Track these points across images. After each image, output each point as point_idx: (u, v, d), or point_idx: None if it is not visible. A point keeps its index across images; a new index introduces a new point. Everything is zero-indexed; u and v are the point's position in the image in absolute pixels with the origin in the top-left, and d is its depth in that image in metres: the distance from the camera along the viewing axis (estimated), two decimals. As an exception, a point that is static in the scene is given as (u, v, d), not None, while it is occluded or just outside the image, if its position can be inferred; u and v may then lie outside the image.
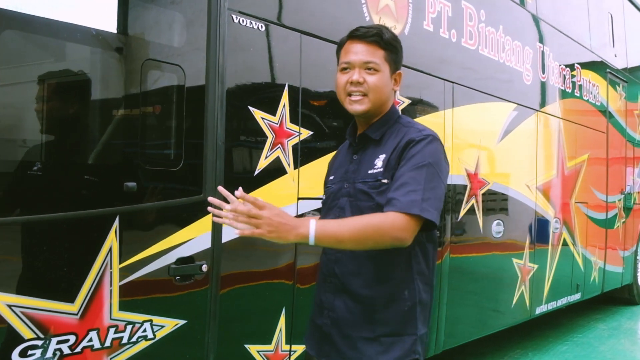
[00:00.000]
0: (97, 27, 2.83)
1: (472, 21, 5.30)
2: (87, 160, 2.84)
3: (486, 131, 5.62)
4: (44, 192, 2.67)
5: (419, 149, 2.23)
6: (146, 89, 2.96)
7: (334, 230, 2.11)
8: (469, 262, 5.36)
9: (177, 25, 3.14)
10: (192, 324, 3.11)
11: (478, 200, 5.39)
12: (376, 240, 2.14)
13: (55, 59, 2.79)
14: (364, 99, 2.33)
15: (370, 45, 2.33)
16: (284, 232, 2.03)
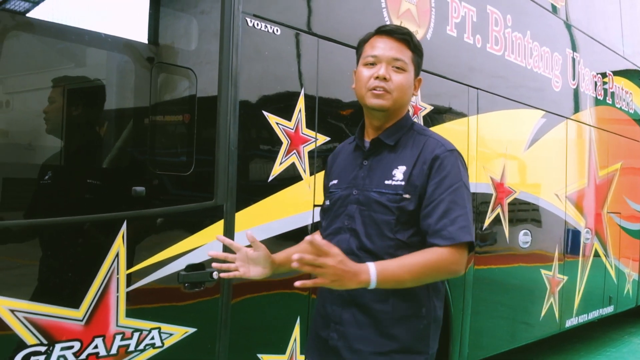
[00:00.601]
0: (108, 31, 2.81)
1: (498, 26, 5.19)
2: (95, 164, 2.81)
3: (513, 139, 5.49)
4: (51, 196, 2.64)
5: (449, 169, 2.16)
6: (156, 92, 2.92)
7: (394, 274, 2.04)
8: (495, 273, 5.22)
9: (189, 28, 3.10)
10: (202, 332, 3.05)
11: (504, 210, 5.26)
12: (434, 277, 2.12)
13: (65, 64, 2.76)
14: (386, 94, 2.21)
15: (400, 43, 2.24)
16: (347, 280, 1.95)
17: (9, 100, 2.63)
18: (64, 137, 2.75)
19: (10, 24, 2.56)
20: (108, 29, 2.81)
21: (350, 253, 2.23)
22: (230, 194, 3.12)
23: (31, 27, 2.61)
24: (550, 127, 5.98)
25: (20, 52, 2.66)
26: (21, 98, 2.67)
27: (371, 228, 2.20)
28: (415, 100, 4.29)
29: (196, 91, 3.05)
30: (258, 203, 3.30)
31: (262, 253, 2.26)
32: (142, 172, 2.88)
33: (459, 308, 4.73)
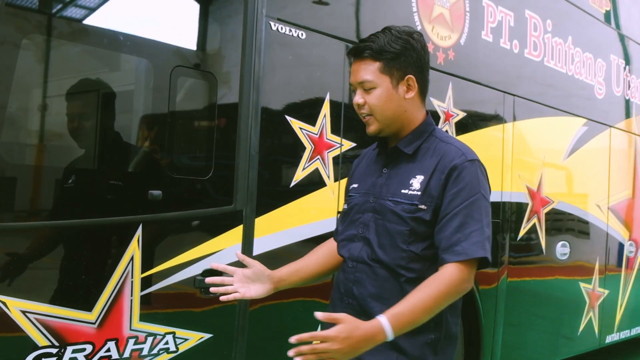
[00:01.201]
0: (126, 33, 2.81)
1: (537, 31, 5.06)
2: (113, 167, 2.81)
3: (551, 147, 5.33)
4: (67, 199, 2.64)
5: (468, 180, 2.06)
6: (175, 95, 2.91)
7: (409, 319, 1.97)
8: (529, 285, 5.08)
9: (211, 32, 3.08)
10: (218, 339, 3.02)
11: (541, 220, 5.11)
12: (448, 303, 2.04)
13: (84, 68, 2.77)
14: (370, 119, 2.17)
15: (364, 61, 2.14)
16: (362, 348, 1.90)
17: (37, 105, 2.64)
18: (82, 140, 2.75)
19: (30, 27, 2.58)
20: (127, 33, 2.80)
21: (362, 262, 2.19)
22: (250, 198, 3.09)
23: (51, 30, 2.62)
24: (592, 136, 5.79)
25: (41, 57, 2.68)
26: (42, 103, 2.68)
27: (384, 238, 2.13)
28: (447, 107, 4.20)
29: (217, 95, 3.03)
30: (279, 209, 3.26)
31: (257, 269, 2.25)
32: (159, 176, 2.87)
33: (490, 320, 4.61)
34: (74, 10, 2.72)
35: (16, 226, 2.49)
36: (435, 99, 4.11)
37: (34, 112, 2.66)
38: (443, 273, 2.01)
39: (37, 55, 2.64)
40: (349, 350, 1.87)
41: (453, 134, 4.23)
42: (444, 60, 4.19)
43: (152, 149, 2.92)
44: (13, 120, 2.52)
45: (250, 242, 3.11)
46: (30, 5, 2.56)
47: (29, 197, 2.58)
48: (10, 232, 2.47)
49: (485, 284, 4.57)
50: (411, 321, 1.98)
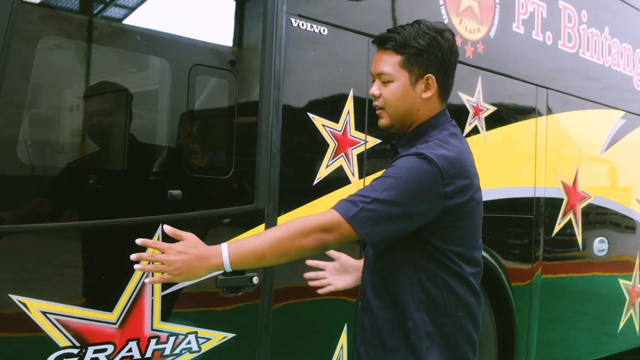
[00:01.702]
0: (145, 32, 2.81)
1: (572, 22, 4.93)
2: (131, 167, 2.81)
3: (587, 141, 5.20)
4: (86, 199, 2.65)
5: (399, 163, 2.01)
6: (194, 94, 2.89)
7: (250, 248, 1.92)
8: (565, 282, 4.96)
9: (229, 30, 3.06)
10: (241, 338, 3.00)
11: (577, 215, 4.98)
12: (299, 243, 1.92)
13: (103, 68, 2.77)
14: (382, 112, 2.16)
15: (386, 52, 2.12)
16: (194, 269, 1.88)
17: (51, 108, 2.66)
18: (102, 141, 2.76)
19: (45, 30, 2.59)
20: (145, 32, 2.80)
21: (365, 260, 2.23)
22: (271, 197, 3.06)
23: (69, 31, 2.64)
24: (632, 128, 5.63)
25: (60, 59, 2.69)
26: (63, 105, 2.70)
27: None
28: (477, 101, 4.11)
29: (237, 94, 3.01)
30: (302, 207, 3.23)
31: (343, 261, 2.37)
32: (179, 175, 2.86)
33: (524, 317, 4.51)
34: (91, 9, 2.72)
35: (35, 227, 2.50)
36: (463, 93, 4.03)
37: (53, 113, 2.67)
38: (305, 217, 1.99)
39: (54, 56, 2.65)
40: (182, 266, 1.86)
41: (483, 129, 4.15)
42: (472, 53, 4.11)
43: (172, 148, 2.91)
44: (32, 121, 2.53)
45: (273, 241, 3.08)
46: (50, 6, 2.57)
47: (48, 198, 2.59)
48: (29, 233, 2.48)
49: (519, 280, 4.48)
50: (252, 251, 1.91)
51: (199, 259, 1.88)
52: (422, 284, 2.05)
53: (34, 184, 2.59)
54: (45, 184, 2.63)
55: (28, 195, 2.54)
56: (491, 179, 4.21)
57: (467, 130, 4.04)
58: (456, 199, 2.02)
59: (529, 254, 4.57)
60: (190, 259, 1.87)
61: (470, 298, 2.13)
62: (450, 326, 2.09)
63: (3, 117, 2.41)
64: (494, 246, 4.25)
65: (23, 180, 2.54)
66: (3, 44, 2.30)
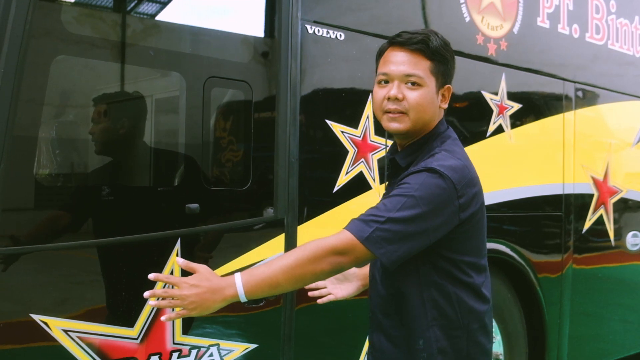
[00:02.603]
0: (159, 46, 2.81)
1: (600, 13, 4.81)
2: (148, 182, 2.82)
3: (618, 133, 5.08)
4: (106, 215, 2.67)
5: (411, 180, 1.93)
6: (209, 106, 2.89)
7: (265, 277, 1.85)
8: (597, 279, 4.86)
9: (244, 40, 3.05)
10: (264, 348, 3.01)
11: (608, 210, 4.88)
12: (314, 268, 1.87)
13: (113, 79, 2.78)
14: (403, 117, 2.01)
15: (414, 54, 2.00)
16: (209, 302, 1.83)
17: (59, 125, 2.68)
18: (116, 155, 2.78)
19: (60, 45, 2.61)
20: (159, 46, 2.81)
21: (372, 279, 2.16)
22: (291, 207, 3.05)
23: (78, 45, 2.65)
24: (666, 118, 5.49)
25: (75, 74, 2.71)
26: (76, 119, 2.72)
27: None
28: (501, 99, 4.04)
29: (252, 104, 2.99)
30: (323, 215, 3.21)
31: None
32: (196, 189, 2.86)
33: (554, 316, 4.44)
34: (102, 24, 2.73)
35: (52, 247, 2.53)
36: (487, 92, 3.96)
37: (66, 131, 2.70)
38: (322, 239, 1.92)
39: (68, 72, 2.67)
40: (196, 300, 1.81)
41: (507, 127, 4.08)
42: (495, 51, 4.03)
43: (188, 162, 2.91)
44: (46, 142, 2.56)
45: (293, 250, 3.07)
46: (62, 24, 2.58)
47: (66, 216, 2.62)
48: (47, 252, 2.51)
49: (548, 274, 4.41)
50: (267, 280, 1.85)
51: (213, 292, 1.84)
52: (433, 300, 2.00)
53: (51, 203, 2.62)
54: (63, 202, 2.65)
55: (45, 214, 2.57)
56: (516, 178, 4.15)
57: (491, 129, 3.98)
58: (469, 209, 1.98)
59: (558, 252, 4.49)
60: (204, 292, 1.83)
61: (481, 307, 2.08)
62: (463, 340, 2.04)
63: (19, 141, 2.43)
64: (522, 245, 4.19)
65: (40, 199, 2.56)
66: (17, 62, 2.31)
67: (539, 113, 4.37)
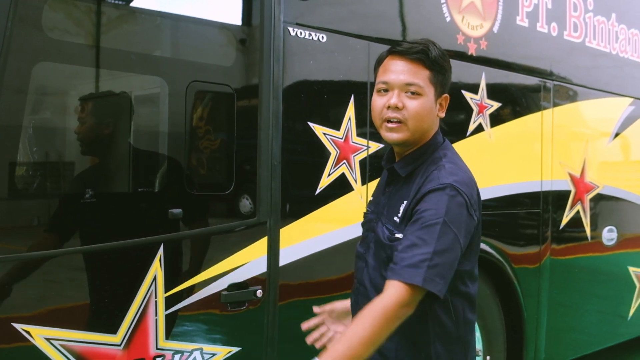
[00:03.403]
0: (141, 51, 2.79)
1: (577, 11, 4.85)
2: (130, 187, 2.80)
3: (595, 130, 5.15)
4: (86, 222, 2.65)
5: (434, 204, 1.93)
6: (192, 110, 2.88)
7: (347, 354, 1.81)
8: (574, 274, 4.94)
9: (226, 44, 3.03)
10: (246, 352, 3.02)
11: (585, 206, 4.95)
12: (389, 329, 1.87)
13: (96, 83, 2.75)
14: (401, 126, 2.02)
15: (414, 63, 2.02)
16: None
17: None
18: (98, 160, 2.75)
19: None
20: (141, 51, 2.78)
21: (362, 284, 2.16)
22: (274, 209, 3.05)
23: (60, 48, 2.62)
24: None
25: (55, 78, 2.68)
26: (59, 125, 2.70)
27: (377, 262, 2.08)
28: (481, 98, 4.07)
29: (235, 107, 2.98)
30: (305, 217, 3.22)
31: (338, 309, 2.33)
32: (179, 194, 2.85)
33: (532, 312, 4.50)
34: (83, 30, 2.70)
35: (33, 255, 2.51)
36: (467, 91, 3.98)
37: (47, 138, 2.67)
38: (381, 299, 1.88)
39: (49, 77, 2.64)
40: None
41: (487, 126, 4.11)
42: (475, 50, 4.05)
43: (171, 166, 2.90)
44: (28, 144, 2.53)
45: (275, 254, 3.08)
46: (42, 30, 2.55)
47: (47, 223, 2.60)
48: (29, 260, 2.49)
49: (526, 270, 4.47)
50: (353, 353, 1.82)
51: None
52: (437, 317, 2.02)
53: (32, 210, 2.59)
54: (44, 208, 2.63)
55: (26, 222, 2.54)
56: (496, 176, 4.18)
57: (471, 128, 4.01)
58: (477, 219, 2.05)
59: (536, 248, 4.54)
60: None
61: (473, 317, 2.14)
62: (461, 353, 2.09)
63: None
64: (500, 242, 4.24)
65: (19, 205, 2.54)
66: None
67: (518, 111, 4.41)
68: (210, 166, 3.08)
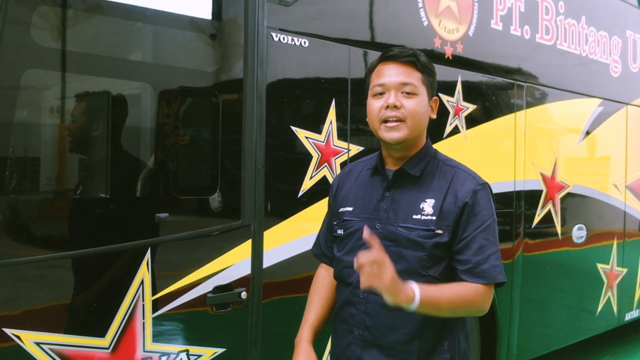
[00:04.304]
0: (128, 57, 2.81)
1: (549, 14, 4.96)
2: (117, 192, 2.83)
3: (566, 130, 5.28)
4: (73, 227, 2.68)
5: (482, 204, 2.13)
6: (178, 116, 2.91)
7: (435, 299, 2.02)
8: (545, 272, 5.06)
9: (212, 50, 3.07)
10: (231, 352, 3.07)
11: (556, 205, 5.08)
12: (466, 311, 2.13)
13: (83, 88, 2.77)
14: (401, 125, 2.12)
15: (406, 66, 2.14)
16: (396, 286, 1.92)
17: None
18: (85, 165, 2.78)
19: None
20: (128, 57, 2.81)
21: (375, 293, 2.09)
22: (257, 213, 3.10)
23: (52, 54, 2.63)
24: (608, 115, 5.71)
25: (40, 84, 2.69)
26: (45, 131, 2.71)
27: (400, 265, 2.07)
28: (457, 101, 4.16)
29: (220, 113, 3.02)
30: (288, 220, 3.28)
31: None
32: (166, 198, 2.89)
33: (506, 308, 4.62)
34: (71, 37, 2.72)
35: (22, 261, 2.52)
36: (444, 94, 4.06)
37: (33, 143, 2.68)
38: (471, 285, 2.08)
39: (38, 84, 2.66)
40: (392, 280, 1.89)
41: (463, 128, 4.20)
42: (451, 54, 4.14)
43: (158, 171, 2.93)
44: (13, 149, 2.54)
45: (259, 256, 3.13)
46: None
47: (36, 230, 2.62)
48: (19, 265, 2.51)
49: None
50: (435, 302, 2.01)
51: (401, 286, 1.94)
52: None
53: (20, 213, 2.61)
54: (32, 212, 2.64)
55: (14, 226, 2.56)
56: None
57: (448, 130, 4.10)
58: None
59: (509, 244, 4.65)
60: (398, 282, 1.93)
61: None
62: (466, 341, 2.25)
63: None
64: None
65: (6, 211, 2.55)
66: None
67: (493, 113, 4.51)
68: (196, 170, 3.11)
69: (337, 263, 2.30)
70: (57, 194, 2.73)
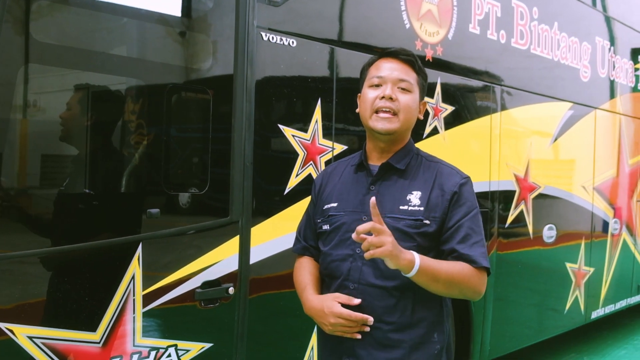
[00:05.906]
0: (119, 52, 2.83)
1: (524, 20, 5.09)
2: (109, 188, 2.84)
3: (538, 133, 5.42)
4: (65, 222, 2.69)
5: (467, 195, 2.23)
6: (169, 112, 2.94)
7: (433, 269, 2.10)
8: (517, 271, 5.19)
9: (203, 48, 3.10)
10: (218, 347, 3.10)
11: (528, 205, 5.21)
12: (462, 289, 2.17)
13: (77, 84, 2.78)
14: (393, 117, 2.21)
15: (405, 64, 2.26)
16: (397, 252, 2.02)
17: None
18: (77, 164, 2.79)
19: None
20: (120, 50, 2.82)
21: (368, 284, 2.20)
22: (245, 209, 3.14)
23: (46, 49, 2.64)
24: (578, 119, 5.87)
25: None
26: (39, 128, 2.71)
27: None
28: (436, 102, 4.25)
29: (211, 110, 3.05)
30: (274, 216, 3.32)
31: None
32: (157, 194, 2.91)
33: (480, 307, 4.72)
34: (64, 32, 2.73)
35: (15, 255, 2.53)
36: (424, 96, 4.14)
37: (23, 139, 2.68)
38: (465, 265, 2.15)
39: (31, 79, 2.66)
40: (393, 245, 2.00)
41: (442, 128, 4.29)
42: (432, 56, 4.23)
43: (149, 167, 2.95)
44: (6, 144, 2.55)
45: (247, 252, 3.17)
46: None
47: (29, 225, 2.62)
48: (12, 260, 2.52)
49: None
50: (433, 273, 2.09)
51: (401, 250, 2.04)
52: (445, 298, 2.29)
53: (10, 209, 2.61)
54: (22, 208, 2.65)
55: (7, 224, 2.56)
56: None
57: (427, 131, 4.18)
58: None
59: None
60: (397, 248, 2.02)
61: None
62: (451, 333, 2.35)
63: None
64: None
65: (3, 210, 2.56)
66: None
67: (470, 115, 4.61)
68: (187, 167, 3.14)
69: (325, 257, 2.33)
70: (49, 189, 2.73)
